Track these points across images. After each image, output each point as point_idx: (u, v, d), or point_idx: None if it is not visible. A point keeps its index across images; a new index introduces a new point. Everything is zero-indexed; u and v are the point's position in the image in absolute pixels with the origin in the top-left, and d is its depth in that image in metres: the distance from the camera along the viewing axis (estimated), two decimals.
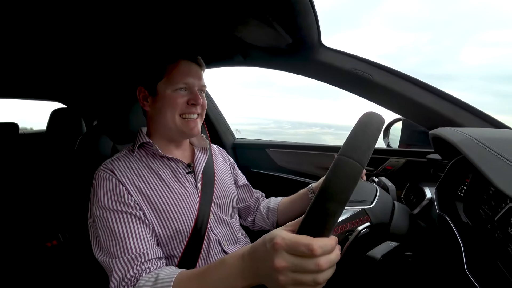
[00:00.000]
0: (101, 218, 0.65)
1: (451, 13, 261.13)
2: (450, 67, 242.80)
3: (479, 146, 0.51)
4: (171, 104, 0.73)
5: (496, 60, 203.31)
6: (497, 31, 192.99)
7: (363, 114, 0.45)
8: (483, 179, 0.56)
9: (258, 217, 0.98)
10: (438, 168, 0.89)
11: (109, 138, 0.97)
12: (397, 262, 0.63)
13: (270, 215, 0.96)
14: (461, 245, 0.50)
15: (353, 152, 0.38)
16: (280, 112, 23.68)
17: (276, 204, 0.97)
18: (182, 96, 0.74)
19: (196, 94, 0.75)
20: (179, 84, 0.73)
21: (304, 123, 23.48)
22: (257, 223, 0.99)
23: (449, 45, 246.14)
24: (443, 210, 0.63)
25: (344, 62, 0.87)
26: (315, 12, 0.70)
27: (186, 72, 0.74)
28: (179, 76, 0.73)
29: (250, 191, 1.02)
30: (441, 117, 0.80)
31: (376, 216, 0.61)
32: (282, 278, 0.37)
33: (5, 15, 0.79)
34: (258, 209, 1.00)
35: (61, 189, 1.45)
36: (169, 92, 0.73)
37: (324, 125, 17.53)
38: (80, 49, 1.10)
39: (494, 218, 0.48)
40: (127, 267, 0.59)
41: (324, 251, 0.37)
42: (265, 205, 0.99)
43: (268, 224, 0.96)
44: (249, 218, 1.00)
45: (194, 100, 0.74)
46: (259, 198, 1.03)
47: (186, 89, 0.75)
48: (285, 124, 13.05)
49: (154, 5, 0.74)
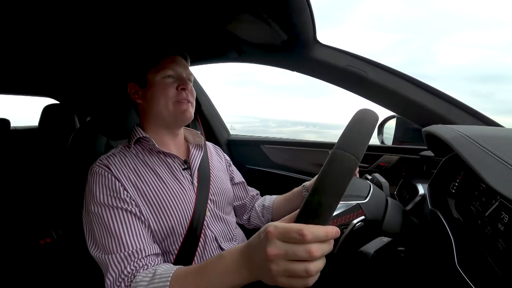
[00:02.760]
0: (96, 214, 0.64)
1: (428, 14, 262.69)
2: (429, 68, 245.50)
3: (471, 144, 0.52)
4: (162, 91, 0.75)
5: (476, 60, 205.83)
6: (476, 31, 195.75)
7: (357, 111, 0.45)
8: (474, 176, 0.57)
9: (253, 215, 0.99)
10: (431, 165, 0.90)
11: (102, 134, 0.96)
12: (390, 257, 0.64)
13: (265, 212, 0.96)
14: (452, 241, 0.51)
15: (348, 146, 0.38)
16: (266, 110, 23.03)
17: (271, 202, 0.97)
18: (171, 82, 0.76)
19: (184, 79, 0.77)
20: (167, 71, 0.76)
21: (289, 121, 23.40)
22: (252, 221, 0.99)
23: (426, 45, 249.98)
24: (435, 206, 0.64)
25: (339, 59, 0.87)
26: (310, 8, 0.69)
27: (173, 61, 0.78)
28: (166, 63, 0.76)
29: (245, 189, 1.02)
30: (434, 114, 0.81)
31: (370, 211, 0.61)
32: (274, 268, 0.37)
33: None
34: (254, 207, 1.00)
35: (54, 185, 1.43)
36: (159, 79, 0.76)
37: (308, 124, 17.50)
38: (73, 45, 1.09)
39: (484, 214, 0.49)
40: (123, 264, 0.58)
41: (315, 237, 0.37)
42: (260, 203, 1.00)
43: (263, 222, 0.97)
44: (245, 216, 1.00)
45: (183, 84, 0.76)
46: (254, 196, 1.03)
47: (174, 77, 0.77)
48: (270, 123, 12.98)
49: (149, 1, 0.73)
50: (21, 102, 1.98)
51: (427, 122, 0.81)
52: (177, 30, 0.91)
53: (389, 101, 0.89)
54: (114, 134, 0.95)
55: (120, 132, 0.94)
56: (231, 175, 1.00)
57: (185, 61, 0.82)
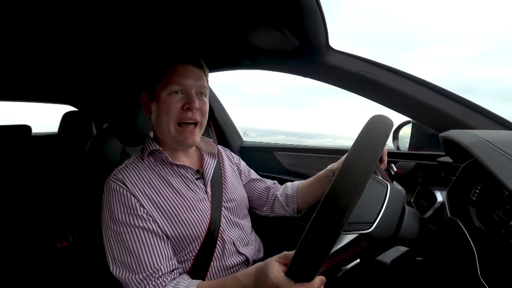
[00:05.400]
0: (115, 231, 0.66)
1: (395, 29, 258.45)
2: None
3: (491, 148, 0.50)
4: (166, 110, 0.71)
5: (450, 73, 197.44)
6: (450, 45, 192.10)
7: (371, 117, 0.44)
8: (496, 183, 0.55)
9: (277, 205, 0.97)
10: (449, 171, 0.87)
11: (119, 141, 0.98)
12: (408, 268, 0.62)
13: (290, 202, 0.95)
14: (475, 251, 0.49)
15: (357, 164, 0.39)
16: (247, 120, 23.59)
17: (294, 190, 0.96)
18: (177, 100, 0.72)
19: (192, 97, 0.72)
20: (174, 86, 0.71)
21: (269, 130, 23.42)
22: (276, 211, 0.98)
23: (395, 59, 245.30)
24: (454, 214, 0.61)
25: (352, 65, 0.86)
26: (322, 14, 0.70)
27: (183, 73, 0.72)
28: (174, 78, 0.71)
29: (259, 182, 1.01)
30: (452, 119, 0.79)
31: (376, 237, 0.56)
32: None
33: (17, 19, 0.81)
34: (276, 197, 0.98)
35: (72, 190, 1.47)
36: (164, 95, 0.72)
37: (289, 133, 17.47)
38: (91, 53, 1.13)
39: (508, 223, 0.47)
40: (143, 283, 0.62)
41: None
42: (283, 192, 0.98)
43: (289, 212, 0.96)
44: (265, 208, 0.99)
45: (189, 103, 0.71)
46: (270, 186, 1.01)
47: (182, 92, 0.72)
48: (251, 132, 13.30)
49: (164, 9, 0.75)
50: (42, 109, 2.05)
51: (444, 127, 0.78)
52: (190, 38, 0.93)
53: (404, 106, 0.87)
54: (130, 140, 0.97)
55: (136, 138, 0.96)
56: (242, 173, 0.99)
57: (201, 70, 0.76)
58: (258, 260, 0.84)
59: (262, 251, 0.90)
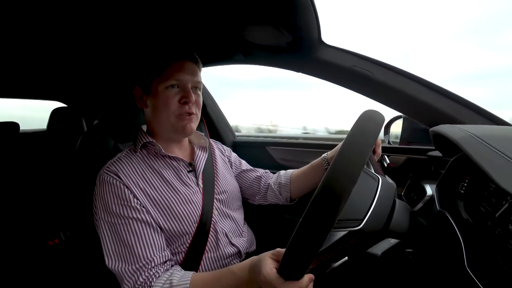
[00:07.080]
0: (109, 223, 0.66)
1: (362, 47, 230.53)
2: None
3: (480, 143, 0.51)
4: (164, 103, 0.73)
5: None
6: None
7: (363, 112, 0.45)
8: (483, 176, 0.56)
9: (270, 193, 0.98)
10: (439, 165, 0.89)
11: (110, 137, 0.97)
12: (398, 259, 0.64)
13: (283, 191, 0.96)
14: (462, 242, 0.51)
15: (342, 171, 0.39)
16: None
17: (288, 179, 0.96)
18: (174, 94, 0.73)
19: (188, 91, 0.74)
20: (171, 80, 0.73)
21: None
22: (269, 200, 0.99)
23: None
24: (443, 207, 0.63)
25: (344, 60, 0.87)
26: (315, 9, 0.69)
27: (179, 68, 0.74)
28: (171, 72, 0.73)
29: (250, 172, 1.02)
30: (442, 114, 0.80)
31: (366, 232, 0.56)
32: None
33: (4, 13, 0.79)
34: (269, 185, 0.99)
35: (63, 187, 1.45)
36: (161, 89, 0.73)
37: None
38: (80, 48, 1.10)
39: (494, 215, 0.48)
40: (136, 275, 0.62)
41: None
42: (276, 181, 0.99)
43: (281, 200, 0.97)
44: (257, 197, 1.00)
45: (186, 97, 0.73)
46: (262, 175, 1.01)
47: (179, 86, 0.74)
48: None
49: (155, 4, 0.74)
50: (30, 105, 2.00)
51: (434, 122, 0.80)
52: (184, 33, 0.92)
53: (396, 101, 0.88)
54: (121, 137, 0.96)
55: (127, 134, 0.95)
56: (233, 164, 1.00)
57: (196, 65, 0.78)
58: (250, 253, 0.85)
59: (254, 243, 0.91)
